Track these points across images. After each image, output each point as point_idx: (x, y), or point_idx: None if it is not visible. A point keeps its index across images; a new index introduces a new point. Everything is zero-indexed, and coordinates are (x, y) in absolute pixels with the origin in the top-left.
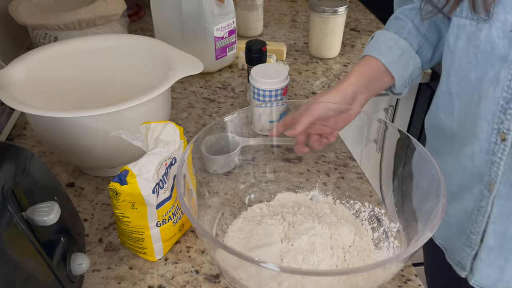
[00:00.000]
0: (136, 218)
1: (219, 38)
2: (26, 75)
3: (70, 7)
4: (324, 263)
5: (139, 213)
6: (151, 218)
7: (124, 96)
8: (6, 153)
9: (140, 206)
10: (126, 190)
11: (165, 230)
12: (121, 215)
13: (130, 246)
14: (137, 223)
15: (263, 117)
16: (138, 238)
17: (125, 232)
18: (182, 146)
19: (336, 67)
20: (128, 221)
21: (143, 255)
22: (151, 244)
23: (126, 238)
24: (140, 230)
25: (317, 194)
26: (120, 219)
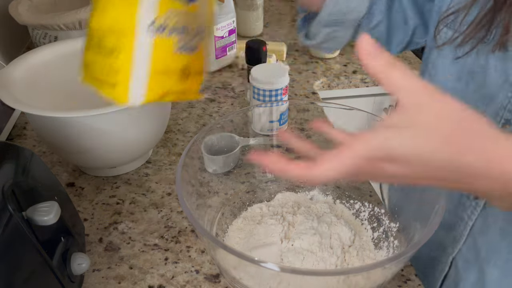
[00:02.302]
0: (116, 6)
1: (219, 38)
2: (26, 75)
3: (70, 7)
4: (324, 263)
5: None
6: (145, 10)
7: None
8: (6, 153)
9: None
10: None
11: (161, 49)
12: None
13: (93, 70)
14: (117, 18)
15: (263, 117)
16: (112, 49)
17: (92, 38)
18: None
19: (336, 67)
20: (101, 14)
21: (108, 89)
22: (128, 65)
23: (93, 50)
24: (118, 32)
25: (317, 194)
26: (92, 13)
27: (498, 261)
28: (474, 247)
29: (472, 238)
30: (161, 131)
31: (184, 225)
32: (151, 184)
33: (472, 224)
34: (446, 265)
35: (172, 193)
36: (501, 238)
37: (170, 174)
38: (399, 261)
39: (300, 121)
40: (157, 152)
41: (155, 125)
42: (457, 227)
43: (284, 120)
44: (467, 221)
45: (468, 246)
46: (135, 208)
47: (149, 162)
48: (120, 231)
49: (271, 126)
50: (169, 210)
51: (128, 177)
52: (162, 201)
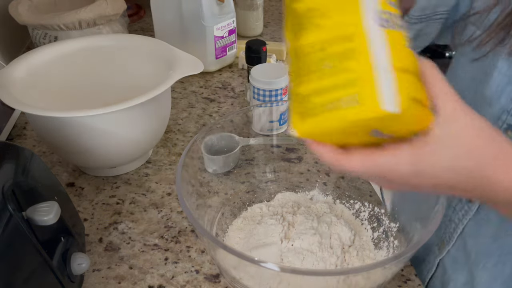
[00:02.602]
0: (335, 8)
1: (219, 38)
2: (26, 75)
3: (70, 7)
4: (324, 263)
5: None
6: (369, 6)
7: (124, 96)
8: (6, 153)
9: None
10: None
11: (396, 41)
12: (304, 8)
13: (316, 102)
14: (339, 18)
15: (263, 117)
16: (342, 53)
17: (307, 66)
18: None
19: None
20: (317, 22)
21: (349, 107)
22: (368, 65)
23: (311, 79)
24: (341, 32)
25: (317, 194)
26: (298, 21)
27: (488, 264)
28: (464, 249)
29: (462, 241)
30: (161, 131)
31: (184, 225)
32: (151, 184)
33: (463, 227)
34: (433, 266)
35: (172, 193)
36: (492, 241)
37: (170, 174)
38: (399, 261)
39: None
40: (157, 152)
41: (155, 125)
42: (446, 229)
43: (284, 120)
44: (457, 224)
45: (458, 248)
46: (135, 208)
47: (149, 162)
48: (120, 231)
49: (271, 126)
50: (169, 210)
51: (128, 177)
52: (162, 201)
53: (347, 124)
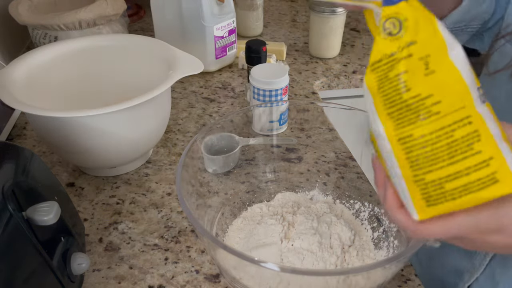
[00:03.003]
0: (446, 90)
1: (219, 38)
2: (26, 75)
3: (70, 7)
4: (324, 263)
5: (444, 77)
6: (469, 79)
7: (124, 96)
8: (6, 153)
9: (443, 61)
10: (412, 12)
11: (492, 112)
12: (416, 98)
13: (452, 181)
14: (452, 97)
15: (263, 117)
16: (468, 138)
17: (432, 144)
18: None
19: (336, 67)
20: (436, 101)
21: (485, 188)
22: (493, 144)
23: (440, 159)
24: (460, 116)
25: (317, 194)
26: (412, 114)
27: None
28: (492, 279)
29: (491, 269)
30: (161, 131)
31: (184, 225)
32: (151, 184)
33: (492, 254)
34: None
35: (172, 193)
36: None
37: (170, 174)
38: (399, 261)
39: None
40: (157, 152)
41: (155, 125)
42: (477, 255)
43: (284, 120)
44: (487, 251)
45: (486, 276)
46: (135, 208)
47: (149, 162)
48: (120, 231)
49: (271, 126)
50: (169, 210)
51: (128, 177)
52: (162, 201)
53: (482, 202)
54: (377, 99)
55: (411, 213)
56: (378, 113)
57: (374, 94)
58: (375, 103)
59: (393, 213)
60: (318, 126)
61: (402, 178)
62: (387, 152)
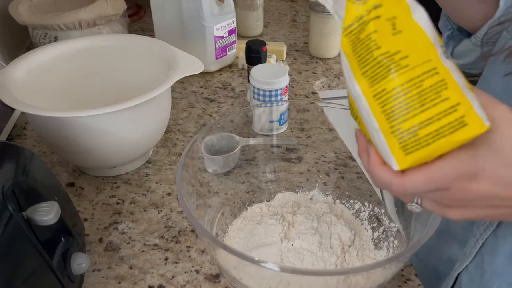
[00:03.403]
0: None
1: (219, 38)
2: (26, 75)
3: (70, 7)
4: (324, 263)
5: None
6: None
7: (124, 96)
8: (6, 153)
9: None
10: None
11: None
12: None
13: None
14: (419, 52)
15: (263, 117)
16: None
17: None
18: None
19: (336, 67)
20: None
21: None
22: (459, 91)
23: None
24: (427, 67)
25: (317, 194)
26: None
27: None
28: (481, 267)
29: (481, 257)
30: (161, 131)
31: (184, 225)
32: (151, 184)
33: (482, 242)
34: (451, 280)
35: (172, 193)
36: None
37: (170, 174)
38: (399, 261)
39: (300, 121)
40: (157, 152)
41: (155, 125)
42: (468, 243)
43: (284, 120)
44: (478, 238)
45: (476, 264)
46: (135, 208)
47: (149, 162)
48: (120, 231)
49: (271, 126)
50: (169, 210)
51: (128, 177)
52: (162, 201)
53: (454, 146)
54: (352, 61)
55: (392, 165)
56: (354, 74)
57: (349, 57)
58: (351, 65)
59: (376, 171)
60: (318, 126)
61: (380, 132)
62: (365, 110)
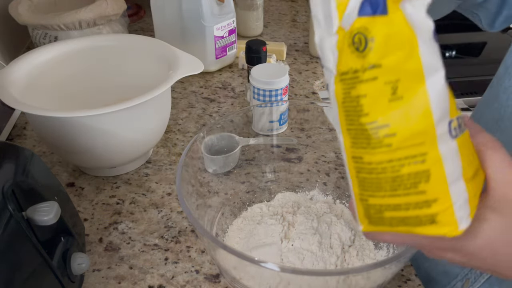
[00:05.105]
0: (406, 122)
1: (219, 38)
2: (26, 75)
3: (70, 7)
4: (324, 263)
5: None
6: (439, 113)
7: (124, 96)
8: (6, 153)
9: (413, 84)
10: (386, 30)
11: (464, 145)
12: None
13: (391, 211)
14: (410, 131)
15: (263, 117)
16: (415, 177)
17: (377, 173)
18: None
19: None
20: (390, 133)
21: (425, 225)
22: (445, 186)
23: (383, 183)
24: (417, 150)
25: (317, 194)
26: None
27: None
28: None
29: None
30: (161, 131)
31: (184, 225)
32: (151, 184)
33: None
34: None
35: (172, 193)
36: None
37: (170, 174)
38: (399, 261)
39: (300, 121)
40: (157, 152)
41: (155, 125)
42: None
43: (284, 120)
44: None
45: None
46: (135, 208)
47: (149, 162)
48: (120, 231)
49: (271, 126)
50: (169, 210)
51: (128, 177)
52: (162, 201)
53: (417, 236)
54: (341, 111)
55: (357, 222)
56: (340, 124)
57: (339, 105)
58: (339, 114)
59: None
60: (318, 126)
61: (352, 191)
62: (344, 161)
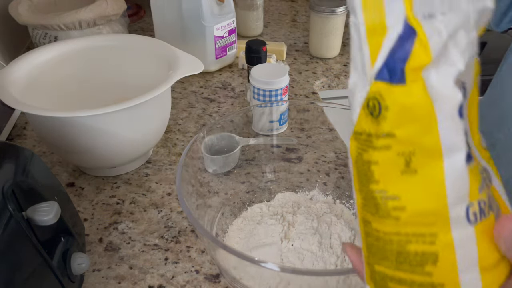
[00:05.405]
0: (417, 198)
1: (219, 37)
2: (26, 75)
3: (70, 7)
4: (324, 263)
5: (423, 182)
6: (455, 195)
7: (124, 96)
8: (6, 153)
9: (428, 160)
10: (402, 101)
11: (486, 233)
12: (380, 194)
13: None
14: (420, 209)
15: (263, 117)
16: (421, 256)
17: (384, 243)
18: None
19: (336, 67)
20: (399, 206)
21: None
22: (455, 273)
23: (388, 254)
24: (426, 229)
25: (317, 194)
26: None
27: None
28: None
29: None
30: (161, 131)
31: (184, 225)
32: (151, 184)
33: None
34: None
35: (172, 193)
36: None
37: (170, 174)
38: None
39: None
40: (157, 152)
41: (155, 125)
42: None
43: (284, 120)
44: None
45: None
46: (135, 208)
47: (149, 162)
48: (120, 231)
49: (271, 126)
50: (169, 210)
51: (128, 177)
52: (162, 201)
53: None
54: (354, 168)
55: (365, 283)
56: (354, 181)
57: (353, 162)
58: (353, 170)
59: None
60: (318, 126)
61: (361, 251)
62: (357, 218)
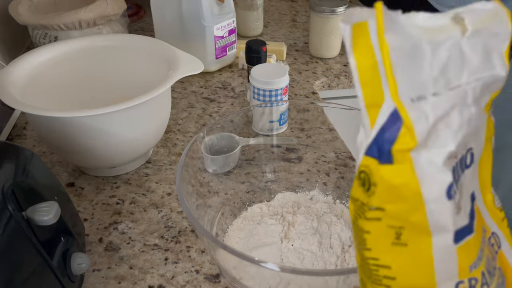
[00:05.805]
0: (407, 270)
1: (219, 37)
2: (26, 75)
3: (70, 7)
4: (324, 263)
5: (413, 256)
6: (443, 272)
7: (124, 96)
8: (6, 153)
9: (417, 236)
10: (389, 180)
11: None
12: (373, 261)
13: None
14: (410, 284)
15: (263, 117)
16: None
17: None
18: None
19: (336, 67)
20: (390, 276)
21: None
22: None
23: None
24: None
25: (317, 194)
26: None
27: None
28: None
29: None
30: (161, 131)
31: (184, 225)
32: (151, 184)
33: None
34: None
35: (172, 193)
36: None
37: (170, 174)
38: None
39: (300, 121)
40: (157, 152)
41: (155, 125)
42: None
43: (284, 120)
44: None
45: None
46: (135, 208)
47: (149, 162)
48: (120, 231)
49: (271, 126)
50: (169, 210)
51: (128, 177)
52: (162, 201)
53: None
54: (352, 229)
55: None
56: (353, 239)
57: (352, 222)
58: (352, 230)
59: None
60: (318, 126)
61: None
62: None
